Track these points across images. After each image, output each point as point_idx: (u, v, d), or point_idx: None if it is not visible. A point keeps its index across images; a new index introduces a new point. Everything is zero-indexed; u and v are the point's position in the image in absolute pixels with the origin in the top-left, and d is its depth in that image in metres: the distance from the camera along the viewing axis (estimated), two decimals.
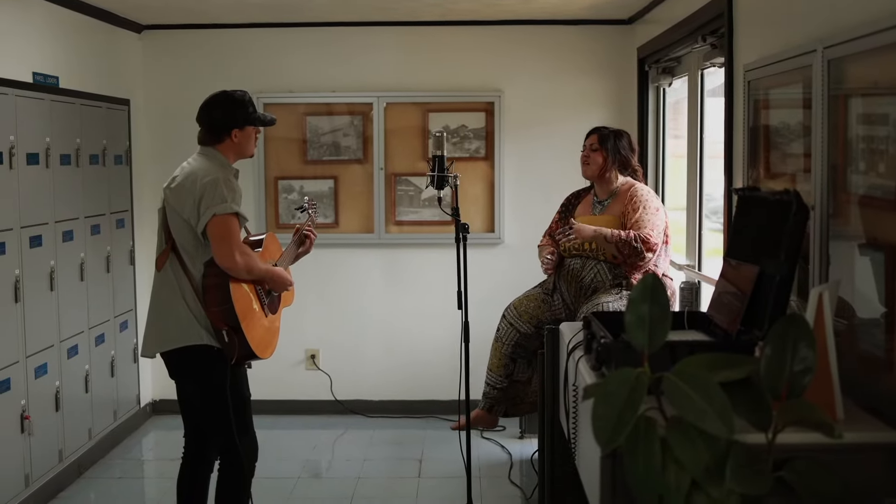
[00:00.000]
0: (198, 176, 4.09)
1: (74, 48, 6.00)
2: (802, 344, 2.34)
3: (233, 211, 4.04)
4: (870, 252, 2.92)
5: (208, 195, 4.02)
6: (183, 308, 4.09)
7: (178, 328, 4.11)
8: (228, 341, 4.08)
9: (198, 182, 4.06)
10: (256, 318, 4.22)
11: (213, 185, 4.04)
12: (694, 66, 5.55)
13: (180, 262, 4.12)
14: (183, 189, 4.09)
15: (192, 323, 4.09)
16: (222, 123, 4.24)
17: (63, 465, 5.62)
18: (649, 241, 4.98)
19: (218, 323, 4.07)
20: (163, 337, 4.17)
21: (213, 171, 4.10)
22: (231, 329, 4.07)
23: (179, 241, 4.12)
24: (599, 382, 2.39)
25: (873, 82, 2.95)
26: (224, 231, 4.02)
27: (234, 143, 4.25)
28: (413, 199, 7.05)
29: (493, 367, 5.51)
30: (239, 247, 4.06)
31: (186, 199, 4.06)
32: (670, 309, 2.41)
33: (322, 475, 6.04)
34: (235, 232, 4.06)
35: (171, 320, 4.12)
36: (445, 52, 7.02)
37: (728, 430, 2.18)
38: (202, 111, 4.29)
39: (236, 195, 4.11)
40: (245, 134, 4.28)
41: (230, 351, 4.09)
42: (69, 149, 5.71)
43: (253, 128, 4.32)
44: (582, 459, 3.27)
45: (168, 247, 4.14)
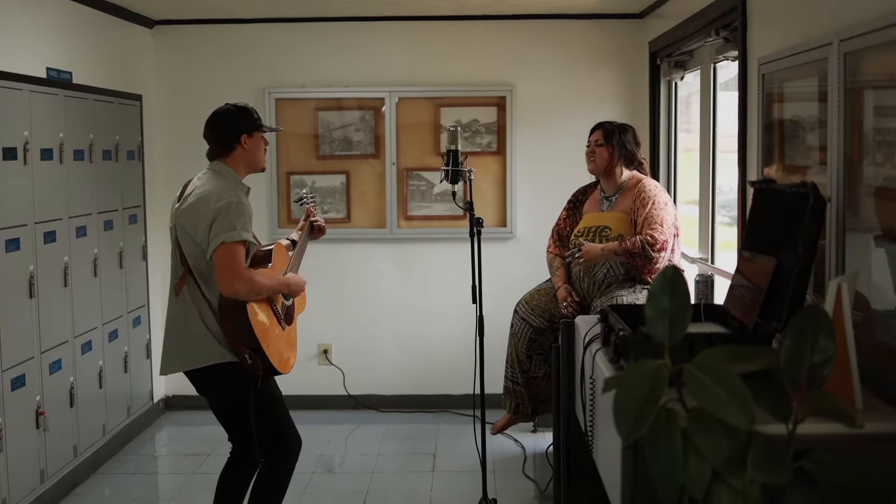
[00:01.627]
0: (211, 199, 4.01)
1: (87, 43, 6.01)
2: (822, 335, 2.34)
3: (241, 239, 3.97)
4: (885, 244, 2.92)
5: (219, 221, 3.95)
6: (203, 330, 4.07)
7: (200, 349, 4.08)
8: (251, 363, 4.05)
9: (211, 206, 3.99)
10: (274, 335, 4.19)
11: (225, 210, 3.96)
12: (706, 59, 5.55)
13: (197, 286, 4.08)
14: (195, 212, 4.03)
15: (213, 344, 4.07)
16: (231, 131, 4.19)
17: (78, 461, 5.64)
18: (656, 241, 4.97)
19: (238, 346, 4.04)
20: (183, 356, 4.14)
21: (226, 194, 4.03)
22: (252, 351, 4.05)
23: (193, 265, 4.07)
24: (620, 374, 2.39)
25: (890, 75, 2.95)
26: (228, 259, 3.95)
27: (244, 151, 4.20)
28: (425, 194, 7.05)
29: (510, 362, 5.52)
30: (240, 275, 3.97)
31: (199, 223, 4.00)
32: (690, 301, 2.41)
33: (336, 470, 6.04)
34: (240, 260, 3.98)
35: (192, 342, 4.09)
36: (457, 46, 7.02)
37: (749, 420, 2.19)
38: (209, 124, 4.25)
39: (247, 220, 4.04)
40: (254, 141, 4.23)
41: (255, 372, 4.06)
42: (82, 144, 5.73)
43: (261, 135, 4.28)
44: (600, 452, 3.27)
45: (185, 270, 4.09)
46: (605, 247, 5.05)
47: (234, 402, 4.21)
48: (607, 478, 3.06)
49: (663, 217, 5.06)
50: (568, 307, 5.22)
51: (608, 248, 5.04)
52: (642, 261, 4.99)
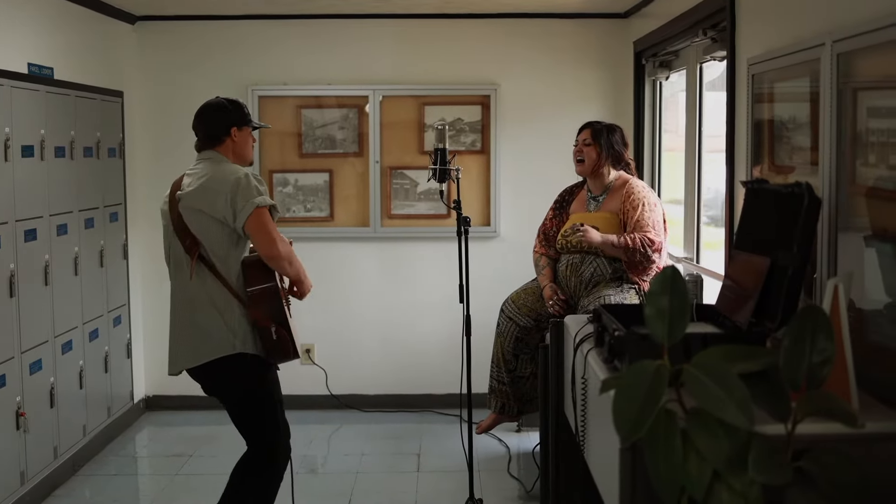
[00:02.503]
0: (224, 174, 4.02)
1: (69, 39, 5.95)
2: (821, 335, 2.34)
3: (269, 204, 4.00)
4: (876, 243, 2.92)
5: (243, 190, 3.95)
6: (214, 316, 4.03)
7: (210, 340, 4.03)
8: (279, 338, 4.02)
9: (228, 179, 3.99)
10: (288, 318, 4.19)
11: (245, 179, 3.98)
12: (693, 59, 5.55)
13: (209, 268, 4.04)
14: (208, 189, 4.00)
15: (223, 332, 4.02)
16: (221, 123, 4.18)
17: (58, 462, 5.57)
18: (654, 242, 4.98)
19: (266, 322, 4.02)
20: (193, 352, 4.09)
21: (237, 169, 4.06)
22: (280, 326, 4.04)
23: (210, 245, 4.03)
24: (619, 375, 2.38)
25: (883, 76, 2.95)
26: (265, 222, 3.96)
27: (234, 142, 4.19)
28: (409, 193, 7.02)
29: (495, 361, 5.50)
30: (280, 237, 4.02)
31: (217, 199, 3.97)
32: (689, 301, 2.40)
33: (319, 471, 6.01)
34: (273, 223, 4.01)
35: (202, 332, 4.05)
36: (441, 45, 7.00)
37: (748, 421, 2.18)
38: (199, 116, 4.23)
39: (266, 189, 4.06)
40: (243, 135, 4.23)
41: (283, 346, 4.04)
42: (63, 141, 5.67)
43: (250, 129, 4.28)
44: (593, 453, 3.25)
45: (193, 256, 4.04)
46: (605, 236, 5.03)
47: (243, 395, 4.16)
48: (602, 479, 3.04)
49: (655, 219, 5.06)
50: (554, 306, 5.21)
51: (608, 238, 5.02)
52: (642, 258, 4.97)
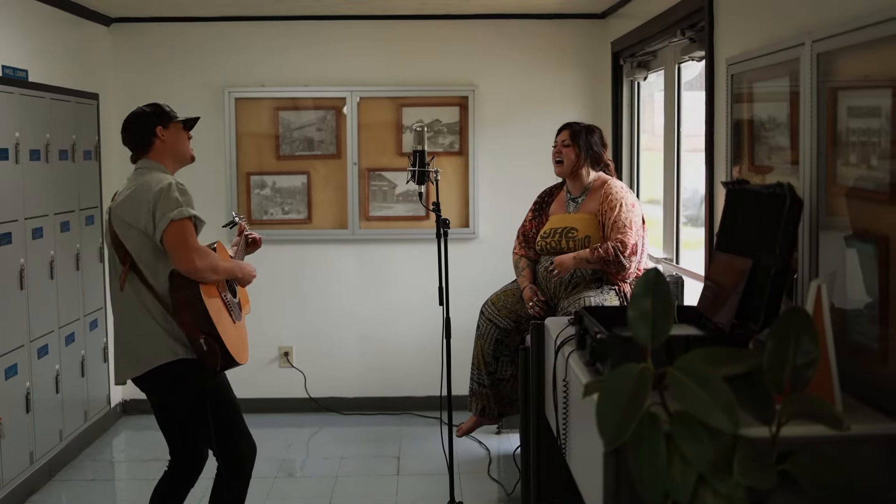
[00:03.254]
0: (149, 185, 3.95)
1: (44, 41, 5.89)
2: (805, 337, 2.34)
3: (188, 215, 3.90)
4: (857, 244, 2.91)
5: (162, 202, 3.87)
6: (151, 324, 3.96)
7: (150, 347, 3.97)
8: (208, 349, 3.94)
9: (151, 190, 3.92)
10: (226, 322, 4.11)
11: (166, 191, 3.90)
12: (671, 60, 5.55)
13: (140, 279, 3.97)
14: (134, 200, 3.94)
15: (162, 339, 3.96)
16: (145, 127, 4.11)
17: (34, 468, 5.52)
18: (626, 245, 4.96)
19: (193, 332, 3.93)
20: (135, 360, 4.03)
21: (163, 179, 3.97)
22: (209, 336, 3.95)
23: (137, 256, 3.96)
24: (602, 378, 2.37)
25: (863, 75, 2.95)
26: (181, 236, 3.88)
27: (163, 143, 4.11)
28: (387, 195, 7.00)
29: (476, 364, 5.47)
30: (197, 250, 3.92)
31: (141, 209, 3.91)
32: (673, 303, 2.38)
33: (298, 475, 5.96)
34: (192, 236, 3.92)
35: (141, 340, 3.99)
36: (419, 46, 6.98)
37: (733, 424, 2.17)
38: (124, 129, 4.17)
39: (190, 199, 3.97)
40: (171, 132, 4.14)
41: (212, 358, 3.95)
42: (38, 144, 5.61)
43: (178, 125, 4.18)
44: (575, 456, 3.24)
45: (126, 267, 3.99)
46: (576, 255, 5.04)
47: (188, 403, 4.07)
48: (584, 483, 3.03)
49: (631, 220, 5.05)
50: (534, 307, 5.19)
51: (580, 256, 5.03)
52: (616, 267, 4.98)
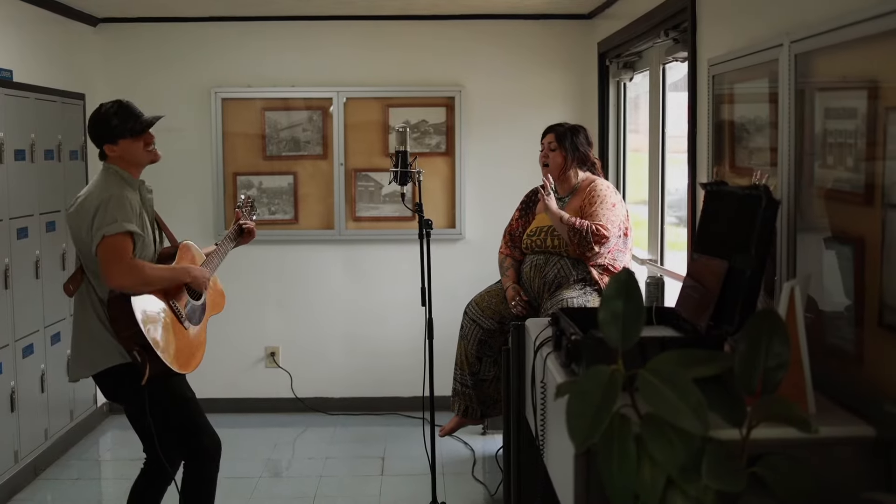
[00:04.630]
0: (92, 197, 3.96)
1: (28, 41, 5.89)
2: (776, 339, 2.33)
3: (123, 230, 3.88)
4: (836, 246, 2.92)
5: (99, 216, 3.87)
6: (100, 329, 3.98)
7: (100, 350, 3.99)
8: (141, 360, 3.91)
9: (91, 203, 3.93)
10: (172, 332, 4.08)
11: (104, 205, 3.89)
12: (655, 60, 5.55)
13: (91, 285, 4.01)
14: (79, 211, 3.97)
15: (111, 343, 3.97)
16: (97, 140, 4.11)
17: (19, 467, 5.52)
18: (600, 232, 4.97)
19: (127, 343, 3.93)
20: (86, 361, 4.06)
21: (108, 190, 3.95)
22: (141, 348, 3.92)
23: (86, 264, 4.01)
24: (573, 380, 2.37)
25: (840, 76, 2.95)
26: (112, 252, 3.86)
27: (116, 157, 4.07)
28: (373, 195, 7.00)
29: (459, 364, 5.47)
30: (127, 265, 3.89)
31: (83, 222, 3.93)
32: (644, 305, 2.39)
33: (283, 474, 5.97)
34: (124, 252, 3.89)
35: (92, 342, 4.01)
36: (406, 46, 6.98)
37: (703, 427, 2.17)
38: (87, 130, 4.21)
39: (127, 212, 3.93)
40: (122, 147, 4.06)
41: (141, 370, 3.91)
42: (23, 144, 5.60)
43: (129, 140, 4.08)
44: (552, 457, 3.24)
45: (78, 270, 4.04)
46: (558, 210, 5.10)
47: (141, 405, 4.05)
48: (559, 483, 3.03)
49: (609, 217, 5.05)
50: (517, 306, 5.20)
51: (559, 212, 5.10)
52: (581, 244, 4.98)
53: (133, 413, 4.20)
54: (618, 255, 5.11)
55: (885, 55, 2.60)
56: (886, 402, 2.55)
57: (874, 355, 2.68)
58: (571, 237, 5.00)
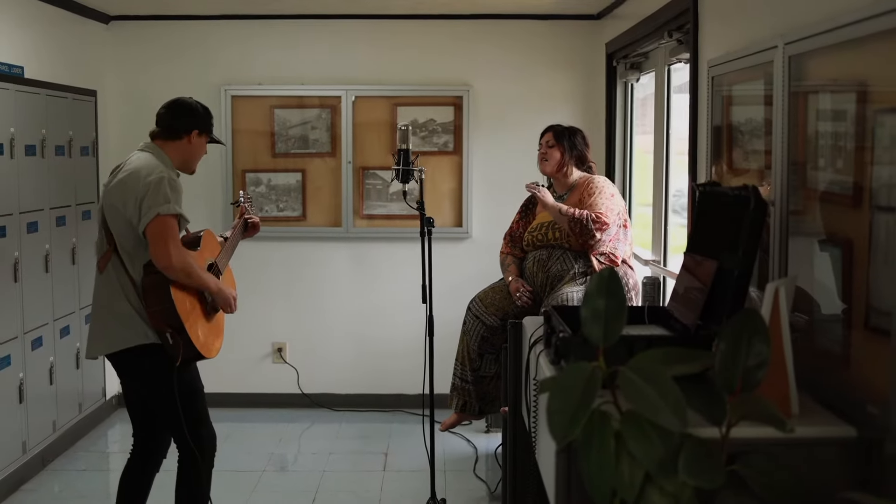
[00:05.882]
0: (142, 173, 3.99)
1: (40, 38, 5.95)
2: (756, 339, 2.35)
3: (175, 212, 3.96)
4: (829, 248, 2.93)
5: (152, 194, 3.92)
6: (126, 307, 4.01)
7: (123, 328, 4.02)
8: (172, 343, 3.99)
9: (141, 180, 3.96)
10: (199, 317, 4.16)
11: (157, 183, 3.94)
12: (661, 61, 5.56)
13: (121, 263, 4.03)
14: (125, 186, 3.99)
15: (136, 322, 4.01)
16: (186, 122, 4.20)
17: (27, 457, 5.58)
18: (600, 219, 5.00)
19: (159, 325, 3.99)
20: (107, 338, 4.08)
21: (157, 169, 4.01)
22: (174, 330, 3.99)
23: (119, 241, 4.02)
24: (554, 376, 2.39)
25: (833, 79, 2.96)
26: (164, 232, 3.92)
27: (189, 145, 4.20)
28: (381, 193, 7.03)
29: (460, 359, 5.50)
30: (177, 248, 3.97)
31: (129, 197, 3.96)
32: (627, 303, 2.41)
33: (287, 469, 6.02)
34: (175, 233, 3.97)
35: (115, 321, 4.04)
36: (414, 46, 7.01)
37: (681, 423, 2.19)
38: (169, 108, 4.24)
39: (179, 196, 4.03)
40: (201, 141, 4.26)
41: (175, 353, 3.99)
42: (34, 139, 5.66)
43: (207, 139, 4.31)
44: (541, 454, 3.27)
45: (110, 248, 4.05)
46: (556, 203, 5.12)
47: (160, 391, 4.11)
48: (547, 479, 3.05)
49: (608, 205, 5.09)
50: (521, 297, 5.22)
51: (557, 204, 5.13)
52: (582, 232, 5.02)
53: (135, 394, 4.25)
54: (618, 245, 5.13)
55: (874, 57, 2.61)
56: (869, 404, 2.57)
57: (860, 357, 2.69)
58: (573, 227, 5.02)
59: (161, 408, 4.17)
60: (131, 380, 4.24)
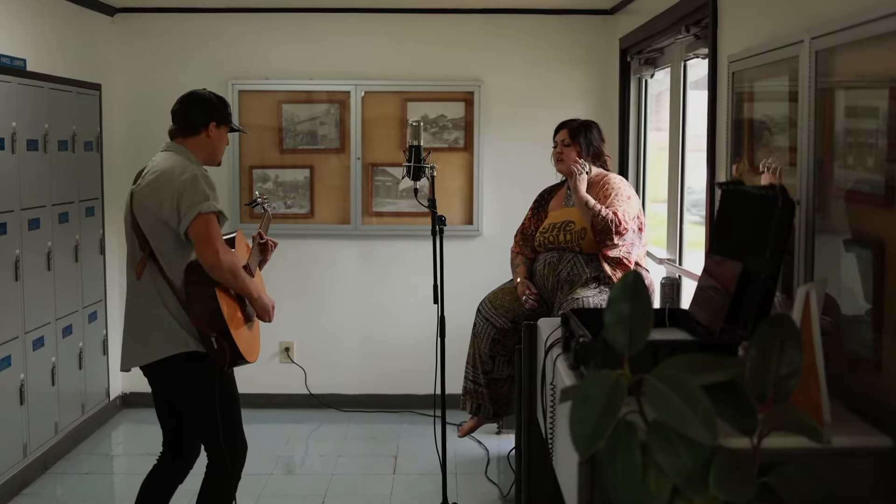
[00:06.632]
0: (174, 173, 3.88)
1: (43, 30, 5.85)
2: (789, 345, 2.25)
3: (216, 209, 3.86)
4: (855, 248, 2.83)
5: (190, 193, 3.82)
6: (165, 315, 3.90)
7: (163, 337, 3.92)
8: (218, 347, 3.90)
9: (176, 179, 3.85)
10: (240, 322, 4.09)
11: (193, 181, 3.84)
12: (677, 57, 5.46)
13: (158, 268, 3.92)
14: (159, 187, 3.88)
15: (176, 330, 3.91)
16: (202, 115, 4.09)
17: (28, 460, 5.48)
18: (621, 224, 4.90)
19: (205, 329, 3.89)
20: (145, 348, 3.97)
21: (189, 168, 3.91)
22: (220, 334, 3.91)
23: (156, 245, 3.90)
24: (577, 385, 2.30)
25: (862, 74, 2.86)
26: (207, 229, 3.82)
27: (209, 139, 4.09)
28: (391, 190, 6.93)
29: (472, 362, 5.39)
30: (224, 247, 3.89)
31: (164, 198, 3.85)
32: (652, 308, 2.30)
33: (295, 471, 5.92)
34: (218, 231, 3.88)
35: (154, 329, 3.93)
36: (425, 40, 6.91)
37: (711, 436, 2.10)
38: (182, 103, 4.13)
39: (216, 192, 3.93)
40: (220, 133, 4.14)
41: (221, 357, 3.91)
42: (36, 134, 5.56)
43: (227, 129, 4.19)
44: (560, 461, 3.17)
45: (144, 254, 3.93)
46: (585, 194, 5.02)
47: (198, 399, 4.02)
48: (566, 489, 2.96)
49: (625, 209, 4.98)
50: (528, 300, 5.12)
51: (586, 196, 5.00)
52: (601, 231, 4.91)
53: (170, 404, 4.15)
54: (632, 249, 5.03)
55: None
56: None
57: (893, 362, 2.59)
58: (595, 224, 4.91)
59: (198, 415, 4.08)
60: (170, 388, 4.12)
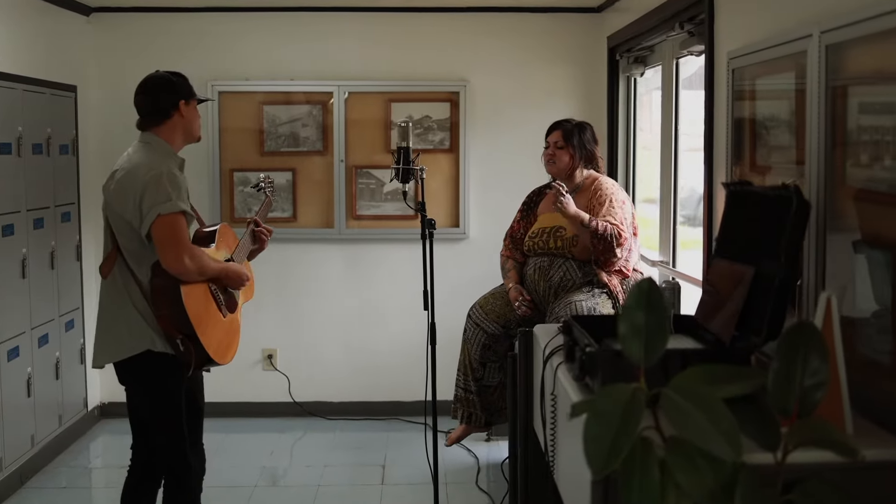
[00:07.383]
0: (139, 173, 3.77)
1: (15, 30, 5.67)
2: (814, 355, 2.11)
3: (179, 210, 3.73)
4: (866, 250, 2.71)
5: (150, 193, 3.70)
6: (133, 313, 3.80)
7: (129, 335, 3.81)
8: (184, 350, 3.79)
9: (138, 179, 3.74)
10: (213, 320, 3.95)
11: (155, 181, 3.72)
12: (668, 54, 5.35)
13: (127, 266, 3.82)
14: (122, 188, 3.79)
15: (143, 329, 3.80)
16: (168, 98, 3.95)
17: (4, 475, 5.30)
18: (622, 236, 4.79)
19: (170, 330, 3.78)
20: (114, 346, 3.87)
21: (155, 165, 3.79)
22: (185, 336, 3.79)
23: (123, 244, 3.81)
24: (590, 399, 2.15)
25: (877, 69, 2.73)
26: (170, 233, 3.71)
27: (182, 118, 3.97)
28: (374, 193, 6.79)
29: (462, 369, 5.26)
30: (187, 249, 3.76)
31: (128, 199, 3.75)
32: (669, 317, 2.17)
33: (280, 482, 5.76)
34: (183, 232, 3.76)
35: (122, 327, 3.83)
36: (409, 40, 6.78)
37: (735, 452, 1.96)
38: (143, 91, 4.00)
39: (182, 191, 3.80)
40: (191, 108, 4.01)
41: (187, 360, 3.80)
42: (9, 137, 5.38)
43: (196, 102, 4.06)
44: (564, 476, 3.03)
45: (114, 251, 3.84)
46: (578, 211, 4.85)
47: (161, 402, 3.91)
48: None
49: (622, 216, 4.87)
50: (520, 307, 5.00)
51: (580, 214, 4.84)
52: (604, 248, 4.79)
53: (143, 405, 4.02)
54: (630, 256, 4.93)
55: None
56: None
57: None
58: (596, 243, 4.79)
59: (161, 421, 3.95)
60: (134, 386, 4.00)
